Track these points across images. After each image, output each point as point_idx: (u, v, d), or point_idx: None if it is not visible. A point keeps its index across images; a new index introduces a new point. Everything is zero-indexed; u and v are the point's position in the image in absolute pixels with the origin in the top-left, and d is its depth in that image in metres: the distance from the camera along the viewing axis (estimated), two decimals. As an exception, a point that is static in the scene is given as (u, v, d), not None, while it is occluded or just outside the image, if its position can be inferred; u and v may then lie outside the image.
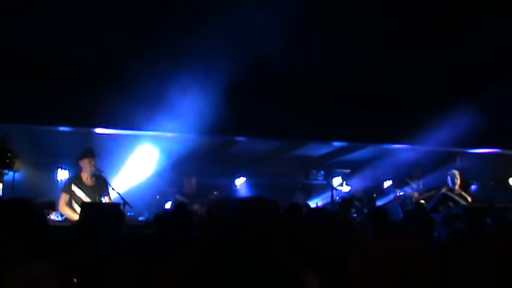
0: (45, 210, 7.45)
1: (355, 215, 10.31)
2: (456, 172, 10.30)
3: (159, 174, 10.89)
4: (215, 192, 10.63)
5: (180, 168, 11.02)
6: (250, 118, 9.12)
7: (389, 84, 8.89)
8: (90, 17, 6.52)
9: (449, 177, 10.28)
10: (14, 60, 7.59)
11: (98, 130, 8.71)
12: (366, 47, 7.59)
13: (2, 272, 2.51)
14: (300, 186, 13.14)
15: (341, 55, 7.73)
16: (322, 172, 13.59)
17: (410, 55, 7.82)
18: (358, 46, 7.52)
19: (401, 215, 10.27)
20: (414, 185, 10.85)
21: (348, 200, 10.49)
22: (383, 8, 6.47)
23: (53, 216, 7.74)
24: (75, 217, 7.70)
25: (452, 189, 10.15)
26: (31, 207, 2.82)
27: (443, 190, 10.17)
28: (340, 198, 11.06)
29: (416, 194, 10.64)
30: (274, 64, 7.65)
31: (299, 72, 8.26)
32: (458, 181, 10.18)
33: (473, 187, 10.65)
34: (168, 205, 10.58)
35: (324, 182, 13.28)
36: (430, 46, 7.59)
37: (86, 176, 8.17)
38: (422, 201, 10.51)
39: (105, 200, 8.10)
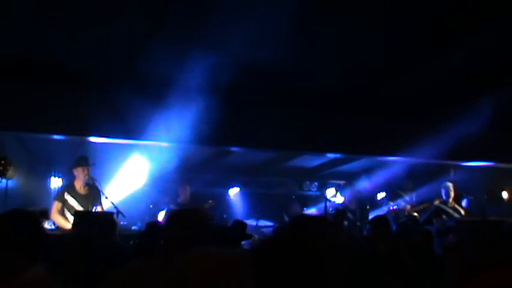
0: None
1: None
2: (450, 185, 10.30)
3: (152, 184, 10.88)
4: (210, 201, 10.61)
5: (173, 178, 11.01)
6: (245, 128, 9.11)
7: (384, 95, 8.91)
8: (85, 23, 6.51)
9: (443, 190, 10.29)
10: (7, 66, 7.57)
11: (92, 139, 8.69)
12: (361, 57, 7.60)
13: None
14: (293, 197, 13.15)
15: (338, 64, 7.74)
16: (316, 183, 13.61)
17: (407, 66, 7.85)
18: (354, 56, 7.53)
19: (393, 228, 10.26)
20: (407, 198, 10.87)
21: (341, 211, 10.49)
22: (381, 15, 6.47)
23: (46, 225, 7.71)
24: (67, 226, 7.69)
25: (445, 202, 10.16)
26: (28, 218, 2.87)
27: (436, 203, 10.18)
28: (333, 209, 11.06)
29: (408, 207, 10.66)
30: (269, 74, 7.67)
31: (294, 82, 8.28)
32: (452, 194, 10.19)
33: (464, 201, 10.66)
34: (161, 214, 10.55)
35: (318, 193, 13.30)
36: (427, 57, 7.60)
37: (79, 185, 8.16)
38: (415, 214, 10.52)
39: (97, 209, 8.07)
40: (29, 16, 6.30)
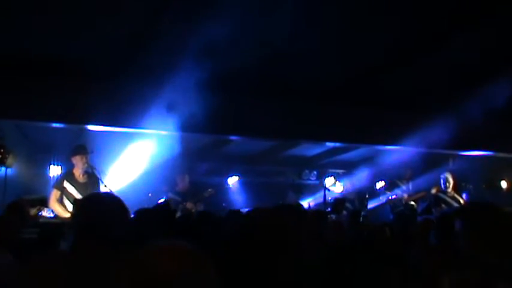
0: (37, 207, 7.43)
1: None
2: (449, 175, 10.33)
3: (151, 172, 10.87)
4: (209, 190, 10.61)
5: (172, 166, 11.00)
6: (244, 117, 9.11)
7: (384, 84, 8.90)
8: (84, 13, 6.49)
9: (442, 180, 10.31)
10: (7, 56, 7.56)
11: (91, 127, 8.69)
12: (361, 47, 7.59)
13: None
14: (288, 186, 13.16)
15: (337, 54, 7.73)
16: (315, 172, 13.61)
17: (407, 55, 7.84)
18: (353, 45, 7.52)
19: (391, 217, 10.32)
20: (404, 187, 10.90)
21: (340, 201, 10.50)
22: (382, 7, 6.46)
23: (45, 213, 7.72)
24: (65, 214, 7.70)
25: (445, 192, 10.18)
26: None
27: (434, 191, 10.22)
28: (332, 199, 11.07)
29: (406, 196, 10.69)
30: (269, 63, 7.65)
31: (294, 71, 8.27)
32: (450, 183, 10.22)
33: (464, 195, 10.68)
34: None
35: (317, 182, 13.30)
36: (427, 46, 7.59)
37: (78, 173, 8.16)
38: (412, 203, 10.56)
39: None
40: (29, 8, 6.29)
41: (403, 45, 7.53)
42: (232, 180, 13.14)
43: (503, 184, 12.95)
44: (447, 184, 10.19)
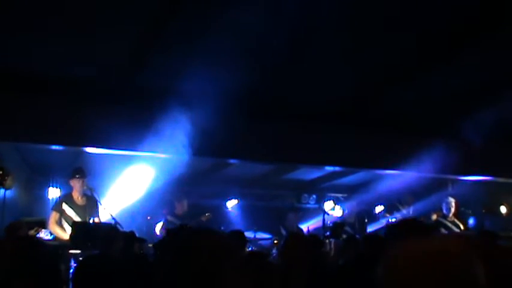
0: (35, 228, 7.42)
1: None
2: (452, 200, 10.31)
3: (150, 195, 10.85)
4: (207, 214, 10.59)
5: (171, 189, 10.98)
6: (243, 140, 9.09)
7: (383, 108, 8.92)
8: (84, 34, 6.53)
9: (444, 205, 10.29)
10: (6, 76, 7.57)
11: (90, 149, 8.68)
12: (360, 70, 7.61)
13: None
14: (290, 210, 13.14)
15: (336, 77, 7.75)
16: (314, 196, 13.56)
17: (404, 80, 7.87)
18: (352, 68, 7.55)
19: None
20: (404, 211, 10.87)
21: (338, 225, 10.46)
22: (380, 28, 6.50)
23: (43, 234, 7.70)
24: (65, 236, 7.68)
25: (445, 216, 10.17)
26: None
27: (434, 217, 10.21)
28: (332, 223, 11.03)
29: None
30: (269, 87, 7.68)
31: (293, 95, 8.29)
32: (453, 209, 10.20)
33: (471, 221, 10.65)
34: (158, 226, 10.53)
35: (316, 206, 13.25)
36: (426, 72, 7.62)
37: (77, 195, 8.17)
38: None
39: (94, 220, 8.07)
40: (29, 29, 6.33)
41: (403, 71, 7.57)
42: (231, 204, 13.10)
43: (503, 209, 12.92)
44: (450, 209, 10.17)
